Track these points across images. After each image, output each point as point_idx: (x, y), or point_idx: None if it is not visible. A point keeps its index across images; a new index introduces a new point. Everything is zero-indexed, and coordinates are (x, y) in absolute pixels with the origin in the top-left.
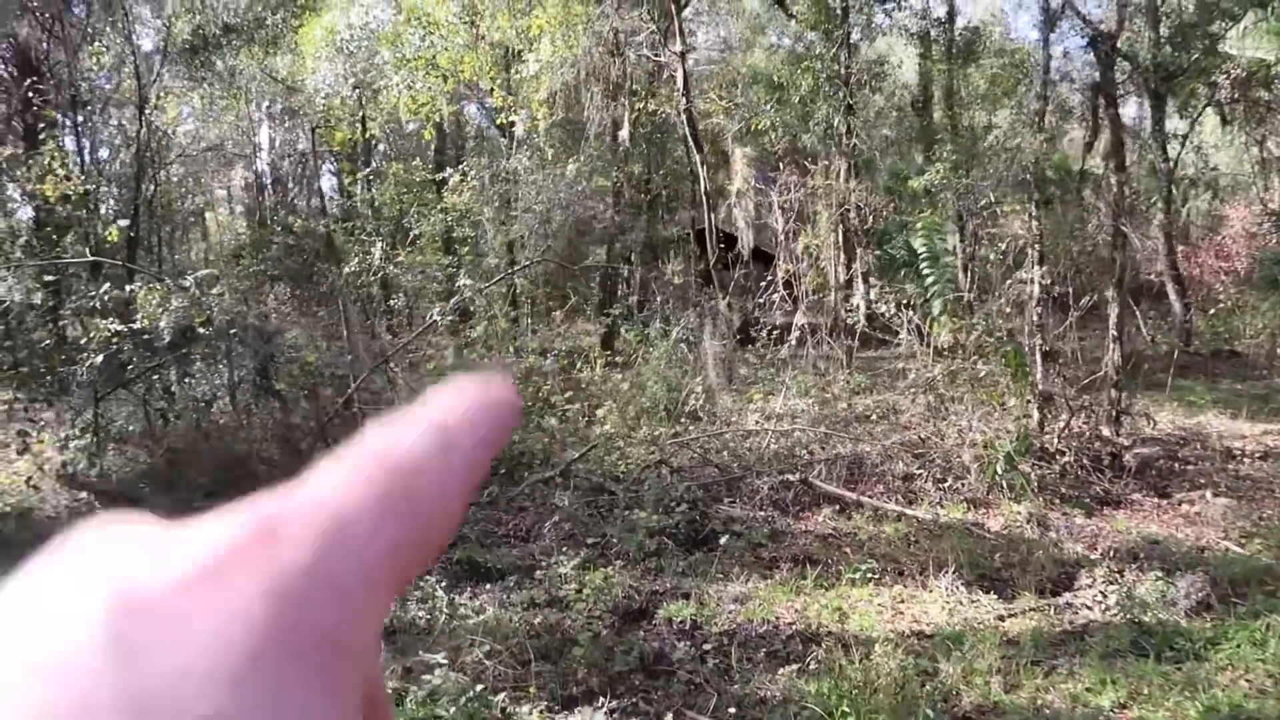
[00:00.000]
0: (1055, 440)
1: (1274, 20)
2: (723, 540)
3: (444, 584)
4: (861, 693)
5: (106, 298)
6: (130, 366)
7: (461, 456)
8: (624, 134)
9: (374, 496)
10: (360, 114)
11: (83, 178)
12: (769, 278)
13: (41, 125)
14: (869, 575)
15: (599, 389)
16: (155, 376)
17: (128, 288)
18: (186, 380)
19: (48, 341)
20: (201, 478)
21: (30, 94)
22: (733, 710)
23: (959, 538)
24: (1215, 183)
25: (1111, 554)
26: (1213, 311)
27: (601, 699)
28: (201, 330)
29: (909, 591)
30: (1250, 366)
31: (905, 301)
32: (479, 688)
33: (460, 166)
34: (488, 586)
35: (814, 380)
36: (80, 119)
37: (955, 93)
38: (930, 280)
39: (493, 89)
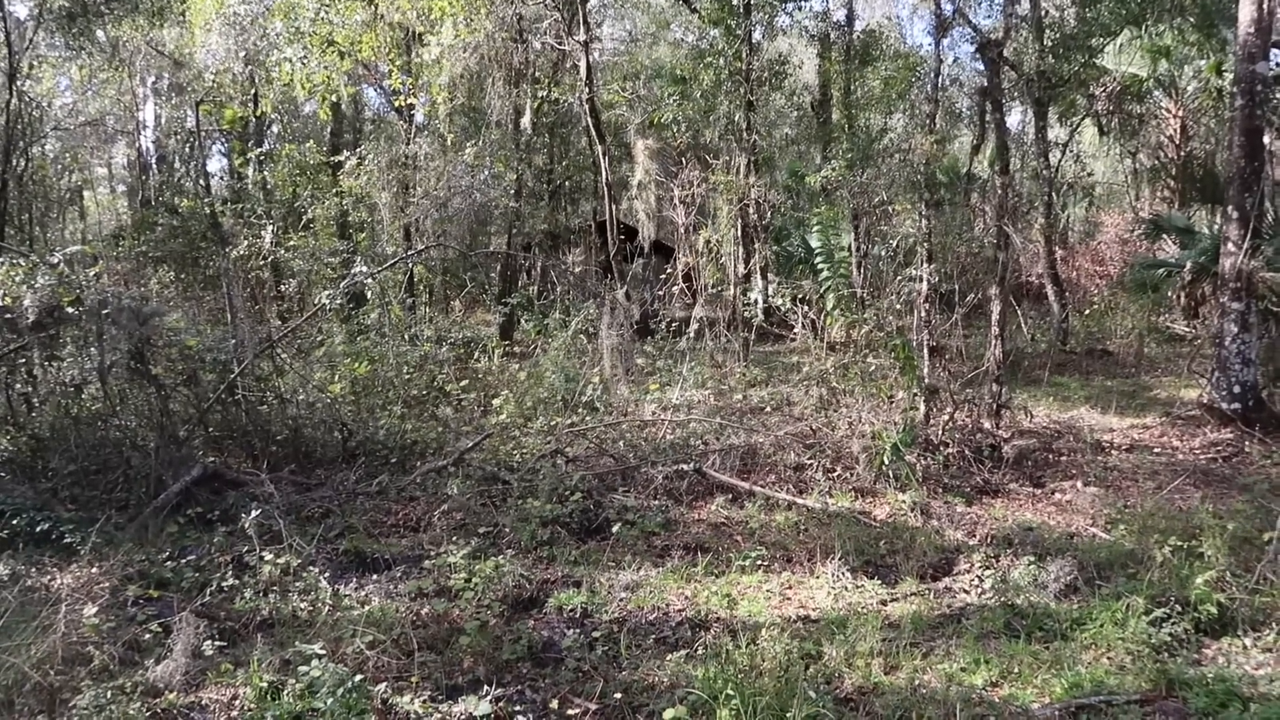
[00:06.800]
0: (940, 432)
1: (1146, 39)
2: (616, 529)
3: (328, 575)
4: (747, 676)
5: None
6: None
7: None
8: (526, 122)
9: None
10: (252, 91)
11: None
12: (669, 270)
13: None
14: (759, 562)
15: (496, 378)
16: (21, 360)
17: None
18: (53, 363)
19: None
20: (70, 465)
21: None
22: (619, 696)
23: (846, 525)
24: (1092, 190)
25: (989, 540)
26: (1087, 312)
27: (487, 687)
28: (70, 310)
29: (797, 578)
30: (1120, 365)
31: (801, 296)
32: (359, 678)
33: (358, 150)
34: (374, 577)
35: (711, 372)
36: None
37: (852, 94)
38: (825, 276)
39: (392, 71)
